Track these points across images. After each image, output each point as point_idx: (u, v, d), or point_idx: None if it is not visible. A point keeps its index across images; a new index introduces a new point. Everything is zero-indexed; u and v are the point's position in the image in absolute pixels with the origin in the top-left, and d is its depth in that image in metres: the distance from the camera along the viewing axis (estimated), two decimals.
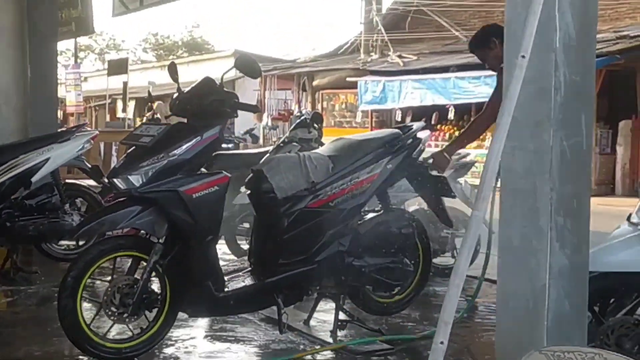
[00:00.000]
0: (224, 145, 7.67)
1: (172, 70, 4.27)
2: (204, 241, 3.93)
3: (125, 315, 3.85)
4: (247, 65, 4.02)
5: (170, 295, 3.96)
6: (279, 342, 4.38)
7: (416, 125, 4.84)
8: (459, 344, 4.45)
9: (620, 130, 16.21)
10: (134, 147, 4.02)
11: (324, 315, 4.86)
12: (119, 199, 4.02)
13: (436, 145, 17.38)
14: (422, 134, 4.75)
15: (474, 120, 5.60)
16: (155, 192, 3.80)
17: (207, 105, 3.97)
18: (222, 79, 4.07)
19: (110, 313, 3.84)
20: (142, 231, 4.06)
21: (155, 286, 4.02)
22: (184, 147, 3.88)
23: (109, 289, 3.85)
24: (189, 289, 3.96)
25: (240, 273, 4.29)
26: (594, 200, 3.69)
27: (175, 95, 4.17)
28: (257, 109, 4.72)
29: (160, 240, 3.88)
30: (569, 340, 3.08)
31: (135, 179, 3.80)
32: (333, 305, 4.59)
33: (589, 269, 3.25)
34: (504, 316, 3.30)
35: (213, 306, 4.06)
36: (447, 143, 8.15)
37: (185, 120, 4.10)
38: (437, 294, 5.73)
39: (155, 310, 3.97)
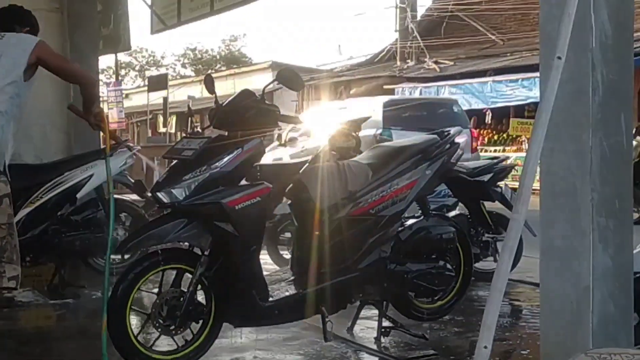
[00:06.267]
0: None
1: (209, 82, 4.32)
2: (247, 252, 3.95)
3: (173, 327, 3.90)
4: (289, 78, 4.04)
5: (215, 306, 4.00)
6: (324, 350, 4.40)
7: (453, 130, 4.84)
8: (504, 347, 4.43)
9: None
10: (176, 161, 4.06)
11: (367, 322, 4.87)
12: (164, 213, 4.08)
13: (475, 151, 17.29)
14: (459, 139, 4.75)
15: None
16: (198, 205, 3.82)
17: (249, 118, 4.01)
18: (263, 91, 4.11)
19: (157, 325, 3.90)
20: (185, 244, 4.11)
21: (200, 298, 4.06)
22: (226, 159, 3.89)
23: (157, 302, 3.90)
24: (233, 300, 3.99)
25: (284, 282, 4.32)
26: None
27: (213, 107, 4.22)
28: (298, 121, 4.77)
29: (205, 253, 3.92)
30: (615, 342, 3.05)
31: (179, 192, 3.82)
32: (375, 312, 4.60)
33: (633, 269, 3.22)
34: (548, 319, 3.28)
35: (258, 316, 4.08)
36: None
37: (225, 133, 4.14)
38: (480, 299, 5.71)
39: (200, 322, 4.02)
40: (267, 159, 4.20)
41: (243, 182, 4.14)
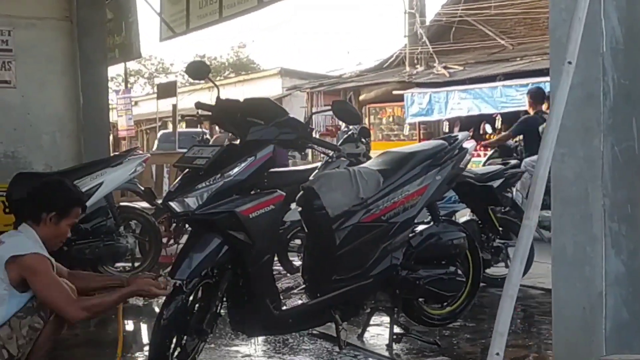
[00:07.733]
0: None
1: (198, 68, 4.32)
2: (261, 260, 3.88)
3: (200, 341, 3.86)
4: (344, 111, 4.11)
5: (228, 315, 3.98)
6: (336, 357, 4.38)
7: (461, 135, 4.83)
8: (516, 354, 4.40)
9: None
10: (188, 170, 3.95)
11: (378, 329, 4.85)
12: (195, 232, 3.98)
13: (485, 155, 17.26)
14: (467, 144, 4.73)
15: None
16: (212, 214, 3.75)
17: (293, 141, 4.01)
18: (310, 116, 4.33)
19: (189, 340, 3.82)
20: None
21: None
22: (239, 167, 3.82)
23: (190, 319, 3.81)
24: (247, 309, 3.95)
25: (296, 290, 4.29)
26: None
27: (222, 103, 4.19)
28: (336, 149, 4.93)
29: (229, 266, 3.86)
30: (628, 348, 3.03)
31: (192, 201, 3.73)
32: (384, 318, 4.58)
33: None
34: (560, 326, 3.26)
35: (272, 325, 4.03)
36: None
37: (237, 141, 4.08)
38: (491, 305, 5.68)
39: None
40: None
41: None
